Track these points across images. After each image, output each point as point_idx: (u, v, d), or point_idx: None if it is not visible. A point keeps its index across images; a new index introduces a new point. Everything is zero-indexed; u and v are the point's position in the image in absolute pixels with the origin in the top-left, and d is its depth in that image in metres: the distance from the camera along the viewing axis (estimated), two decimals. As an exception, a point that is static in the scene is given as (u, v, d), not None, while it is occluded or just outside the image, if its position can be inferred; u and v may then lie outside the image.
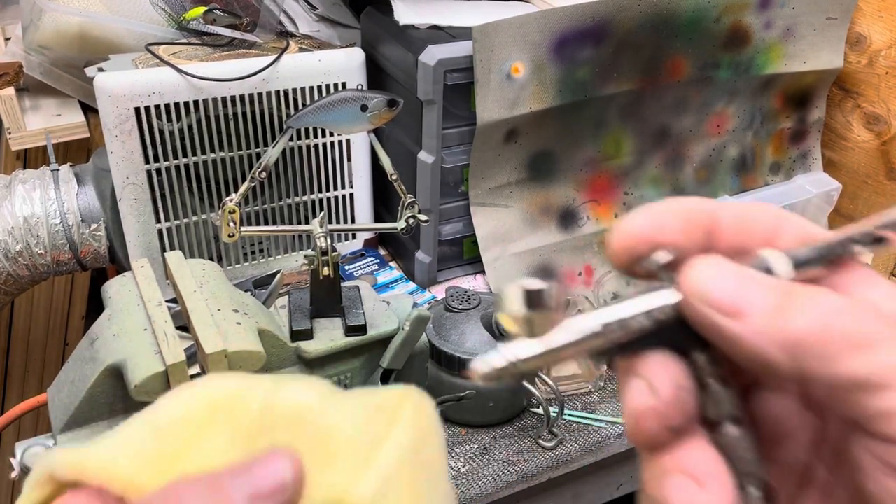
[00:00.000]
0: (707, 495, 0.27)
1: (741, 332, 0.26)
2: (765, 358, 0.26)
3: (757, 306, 0.26)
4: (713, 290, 0.27)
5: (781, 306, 0.26)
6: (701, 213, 0.30)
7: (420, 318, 0.80)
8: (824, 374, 0.26)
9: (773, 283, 0.27)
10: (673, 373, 0.28)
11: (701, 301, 0.27)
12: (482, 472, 0.96)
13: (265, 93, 1.08)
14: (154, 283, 0.75)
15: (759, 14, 1.23)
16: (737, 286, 0.27)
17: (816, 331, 0.26)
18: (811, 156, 1.44)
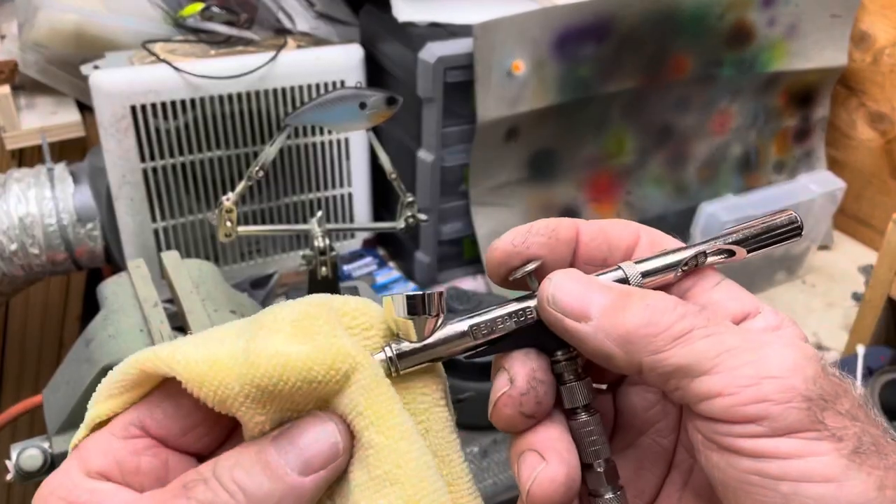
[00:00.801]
0: (548, 466, 0.32)
1: (585, 332, 0.31)
2: (605, 352, 0.31)
3: (597, 309, 0.31)
4: (562, 297, 0.32)
5: (617, 307, 0.31)
6: (565, 230, 0.34)
7: (420, 318, 0.79)
8: (652, 363, 0.30)
9: (612, 288, 0.32)
10: (530, 367, 0.33)
11: (553, 307, 0.32)
12: (482, 474, 0.95)
13: (262, 91, 1.07)
14: (150, 283, 0.75)
15: (762, 11, 1.22)
16: (582, 292, 0.32)
17: (643, 326, 0.30)
18: (815, 154, 1.43)
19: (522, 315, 0.34)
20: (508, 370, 0.33)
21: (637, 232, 0.36)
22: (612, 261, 0.35)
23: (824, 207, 1.29)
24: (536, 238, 0.34)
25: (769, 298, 1.28)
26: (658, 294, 0.32)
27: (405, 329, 0.33)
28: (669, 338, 0.30)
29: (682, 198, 1.32)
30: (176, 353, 0.30)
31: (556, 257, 0.34)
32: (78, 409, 0.68)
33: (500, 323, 0.34)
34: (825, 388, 0.29)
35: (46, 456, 0.68)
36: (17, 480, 0.69)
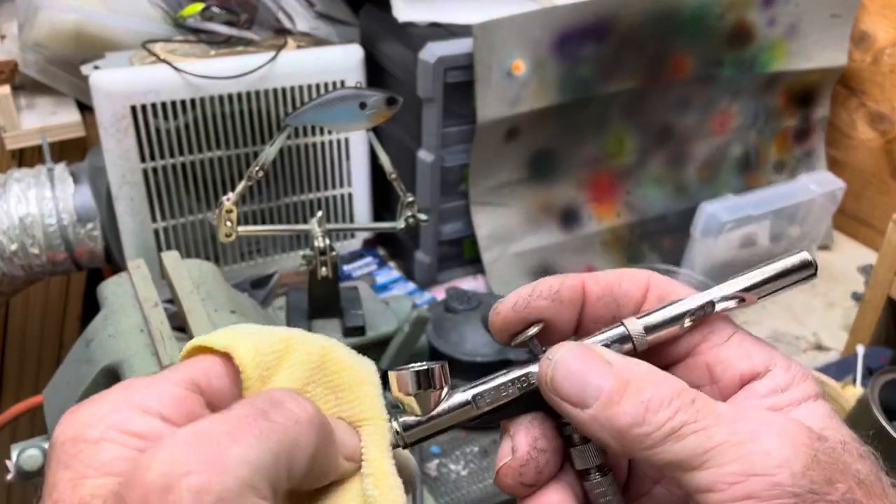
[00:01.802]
0: None
1: (583, 419, 0.32)
2: (601, 441, 0.32)
3: (594, 398, 0.31)
4: (561, 382, 0.32)
5: (612, 401, 0.31)
6: (569, 290, 0.35)
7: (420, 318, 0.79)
8: (645, 458, 0.31)
9: (613, 371, 0.32)
10: (533, 436, 0.34)
11: (552, 391, 0.33)
12: (482, 474, 0.95)
13: (263, 91, 1.07)
14: (150, 283, 0.74)
15: (762, 11, 1.22)
16: (581, 376, 0.32)
17: (636, 425, 0.31)
18: (815, 154, 1.43)
19: (525, 381, 0.34)
20: (512, 438, 0.34)
21: (646, 284, 0.36)
22: (620, 317, 0.35)
23: (824, 207, 1.29)
24: (539, 302, 0.34)
25: (770, 298, 1.28)
26: (657, 383, 0.32)
27: (410, 403, 0.34)
28: (661, 436, 0.30)
29: (683, 198, 1.32)
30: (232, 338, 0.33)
31: (561, 318, 0.35)
32: (78, 409, 0.68)
33: (503, 391, 0.34)
34: (815, 479, 0.29)
35: (47, 456, 0.68)
36: (18, 480, 0.69)
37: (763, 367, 0.33)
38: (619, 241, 1.29)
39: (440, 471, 0.95)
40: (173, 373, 0.31)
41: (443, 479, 0.93)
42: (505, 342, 0.36)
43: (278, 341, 0.33)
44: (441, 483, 0.93)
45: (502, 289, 1.18)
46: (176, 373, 0.31)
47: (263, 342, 0.33)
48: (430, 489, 0.92)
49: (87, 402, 0.30)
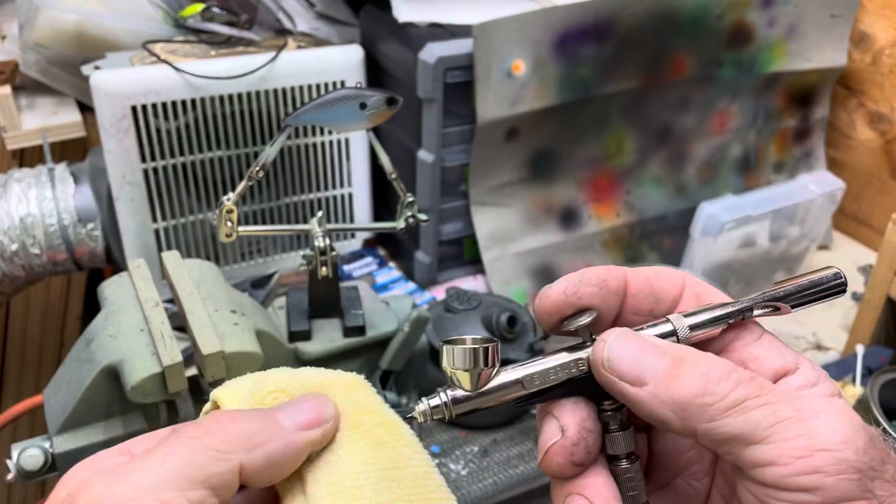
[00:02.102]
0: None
1: (640, 396, 0.32)
2: (661, 418, 0.32)
3: (653, 374, 0.32)
4: (618, 361, 0.33)
5: (671, 374, 0.32)
6: (615, 280, 0.35)
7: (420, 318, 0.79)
8: (707, 430, 0.31)
9: (667, 352, 0.33)
10: (580, 417, 0.34)
11: (609, 370, 0.33)
12: (482, 474, 0.95)
13: (263, 91, 1.07)
14: (151, 283, 0.75)
15: (762, 12, 1.22)
16: (637, 356, 0.33)
17: (698, 395, 0.31)
18: (815, 154, 1.43)
19: (574, 367, 0.35)
20: (559, 419, 0.34)
21: (682, 283, 0.37)
22: (657, 312, 0.36)
23: (824, 207, 1.29)
24: (588, 288, 0.35)
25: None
26: (711, 360, 0.32)
27: (461, 378, 0.35)
28: (724, 407, 0.31)
29: (682, 198, 1.32)
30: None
31: (606, 307, 0.35)
32: (79, 408, 0.68)
33: (552, 374, 0.35)
34: (874, 458, 0.30)
35: (47, 456, 0.68)
36: (18, 480, 0.69)
37: (794, 364, 0.34)
38: (619, 241, 1.29)
39: (440, 470, 0.95)
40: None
41: (443, 479, 0.94)
42: (551, 327, 0.36)
43: (252, 375, 0.36)
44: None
45: (502, 289, 1.18)
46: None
47: (240, 380, 0.36)
48: (430, 489, 0.92)
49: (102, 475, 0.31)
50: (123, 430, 0.70)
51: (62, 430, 0.69)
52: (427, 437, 0.99)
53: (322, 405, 0.34)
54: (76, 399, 0.68)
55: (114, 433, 0.69)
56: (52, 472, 0.69)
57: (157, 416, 0.72)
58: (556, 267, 1.23)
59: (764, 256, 1.27)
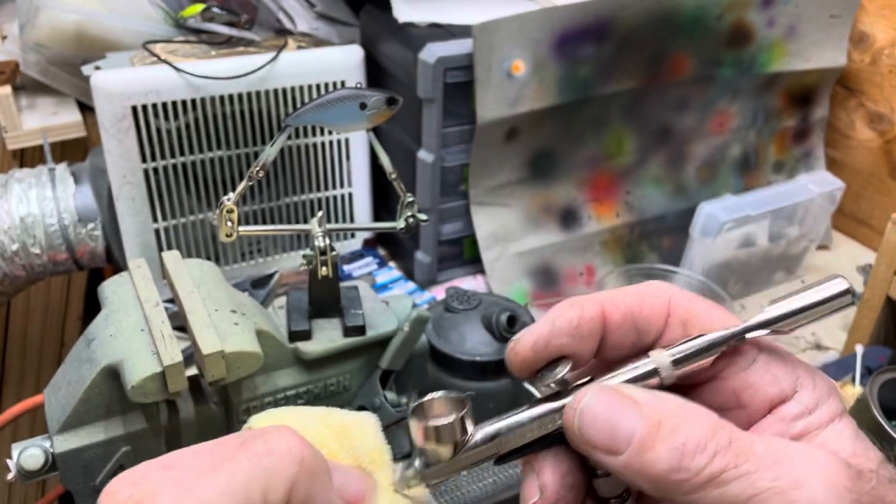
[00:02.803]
0: None
1: (614, 466, 0.31)
2: (636, 486, 0.31)
3: (626, 443, 0.31)
4: (590, 430, 0.32)
5: (646, 445, 0.30)
6: (588, 322, 0.34)
7: (419, 318, 0.79)
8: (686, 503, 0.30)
9: (643, 413, 0.31)
10: (561, 472, 0.33)
11: (580, 440, 0.32)
12: (482, 473, 0.95)
13: (263, 91, 1.07)
14: (151, 282, 0.75)
15: (761, 12, 1.23)
16: (610, 421, 0.31)
17: (673, 472, 0.30)
18: (814, 155, 1.43)
19: (551, 423, 0.34)
20: (539, 476, 0.34)
21: (667, 309, 0.35)
22: (641, 344, 0.35)
23: (823, 207, 1.29)
24: (559, 340, 0.34)
25: (768, 298, 1.28)
26: (690, 424, 0.31)
27: (432, 449, 0.34)
28: (700, 482, 0.30)
29: (682, 198, 1.32)
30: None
31: (582, 351, 0.34)
32: (79, 408, 0.68)
33: (528, 433, 0.34)
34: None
35: (47, 455, 0.68)
36: (19, 480, 0.69)
37: (790, 390, 0.33)
38: (619, 240, 1.29)
39: (440, 470, 0.95)
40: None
41: (443, 479, 0.94)
42: (524, 378, 0.35)
43: (290, 410, 0.37)
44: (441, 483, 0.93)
45: (502, 289, 1.18)
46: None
47: (279, 413, 0.37)
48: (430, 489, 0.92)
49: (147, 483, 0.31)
50: (124, 430, 0.70)
51: (62, 429, 0.69)
52: (427, 437, 0.99)
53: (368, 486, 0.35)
54: (76, 399, 0.68)
55: (114, 433, 0.69)
56: (52, 472, 0.69)
57: (157, 415, 0.72)
58: (556, 267, 1.24)
59: (763, 256, 1.27)
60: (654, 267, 1.24)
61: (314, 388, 0.80)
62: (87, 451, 0.69)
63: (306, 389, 0.80)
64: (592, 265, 1.26)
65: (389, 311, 0.83)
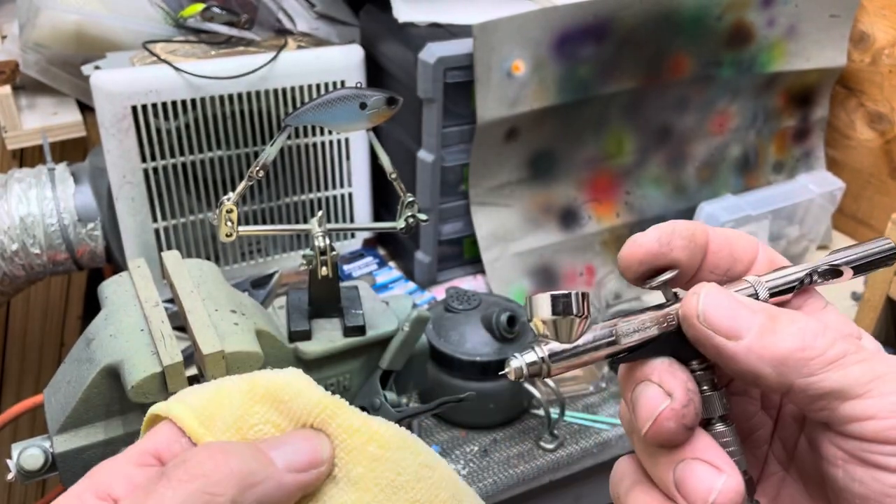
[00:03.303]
0: (728, 478, 0.31)
1: (736, 351, 0.31)
2: (756, 373, 0.31)
3: (749, 329, 0.31)
4: (714, 315, 0.32)
5: (769, 328, 0.31)
6: (701, 235, 0.35)
7: (419, 318, 0.79)
8: (805, 385, 0.31)
9: (760, 308, 0.32)
10: (682, 377, 0.33)
11: (703, 324, 0.32)
12: (482, 473, 0.95)
13: (263, 91, 1.07)
14: (151, 282, 0.75)
15: (761, 12, 1.23)
16: (732, 310, 0.32)
17: (798, 349, 0.31)
18: (814, 154, 1.43)
19: (665, 322, 0.34)
20: (660, 383, 0.33)
21: (756, 247, 0.36)
22: (733, 272, 0.35)
23: (823, 207, 1.29)
24: (679, 241, 0.34)
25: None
26: (804, 317, 0.32)
27: (552, 329, 0.33)
28: (824, 362, 0.30)
29: (682, 198, 1.32)
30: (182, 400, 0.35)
31: (690, 262, 0.35)
32: (79, 408, 0.68)
33: (646, 330, 0.33)
34: None
35: (47, 455, 0.68)
36: (19, 480, 0.69)
37: (858, 332, 0.34)
38: (619, 241, 1.29)
39: (440, 470, 0.95)
40: (131, 450, 0.33)
41: (442, 479, 0.94)
42: (634, 278, 0.35)
43: (208, 389, 0.35)
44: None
45: (502, 289, 1.18)
46: (133, 449, 0.33)
47: (194, 395, 0.34)
48: (430, 488, 0.92)
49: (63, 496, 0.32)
50: (124, 430, 0.70)
51: (62, 429, 0.69)
52: (427, 437, 0.99)
53: (318, 446, 0.34)
54: (76, 399, 0.68)
55: (114, 433, 0.69)
56: (52, 472, 0.69)
57: (157, 415, 0.72)
58: (556, 267, 1.24)
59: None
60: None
61: (314, 388, 0.80)
62: (87, 451, 0.69)
63: (306, 389, 0.80)
64: (592, 265, 1.26)
65: (389, 311, 0.83)
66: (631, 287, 1.24)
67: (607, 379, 1.08)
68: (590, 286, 1.24)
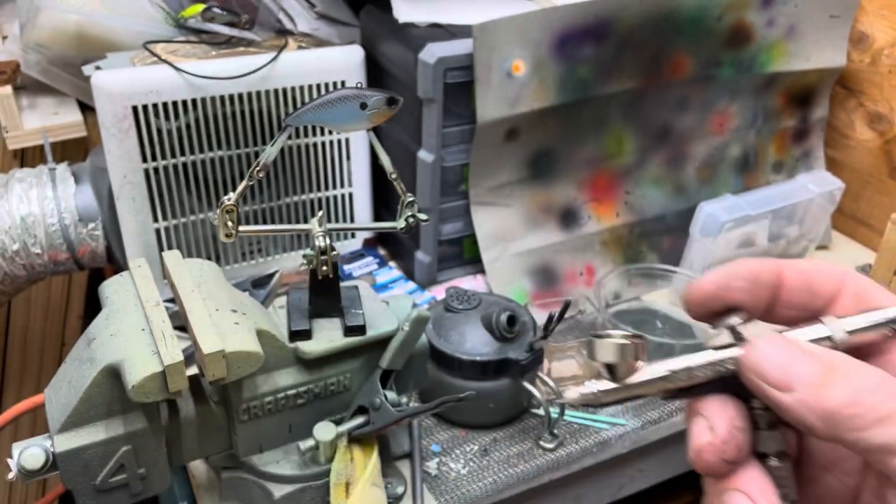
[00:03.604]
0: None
1: (786, 402, 0.32)
2: (806, 424, 0.32)
3: (800, 381, 0.32)
4: (766, 367, 0.33)
5: (821, 382, 0.32)
6: (767, 275, 0.35)
7: (419, 318, 0.79)
8: (854, 440, 0.31)
9: (817, 358, 0.32)
10: (730, 415, 0.34)
11: (756, 375, 0.33)
12: (482, 473, 0.95)
13: (264, 91, 1.07)
14: (152, 282, 0.75)
15: (761, 12, 1.23)
16: (786, 362, 0.33)
17: (846, 406, 0.31)
18: (814, 155, 1.44)
19: (721, 366, 0.35)
20: (708, 418, 0.34)
21: (842, 279, 0.36)
22: (812, 307, 0.36)
23: (823, 207, 1.29)
24: (738, 283, 0.35)
25: None
26: (864, 370, 0.32)
27: (610, 371, 0.36)
28: (873, 419, 0.31)
29: (682, 198, 1.32)
30: None
31: (756, 302, 0.35)
32: (80, 407, 0.68)
33: (698, 372, 0.35)
34: None
35: (48, 455, 0.69)
36: (20, 479, 0.69)
37: None
38: (619, 240, 1.29)
39: (440, 469, 0.95)
40: None
41: (443, 478, 0.94)
42: (697, 318, 0.37)
43: None
44: (441, 481, 0.93)
45: (502, 288, 1.19)
46: None
47: None
48: (430, 487, 0.92)
49: None
50: (124, 430, 0.70)
51: (63, 429, 0.69)
52: (427, 436, 0.99)
53: None
54: (77, 398, 0.68)
55: (115, 432, 0.70)
56: (52, 471, 0.69)
57: (157, 415, 0.72)
58: (556, 267, 1.24)
59: (763, 256, 1.27)
60: (654, 267, 1.25)
61: (314, 388, 0.81)
62: (88, 450, 0.69)
63: (307, 389, 0.80)
64: (592, 265, 1.27)
65: (389, 311, 0.83)
66: (630, 286, 1.24)
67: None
68: (589, 286, 1.24)
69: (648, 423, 1.03)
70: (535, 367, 0.97)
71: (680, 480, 1.17)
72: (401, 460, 0.95)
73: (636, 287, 1.25)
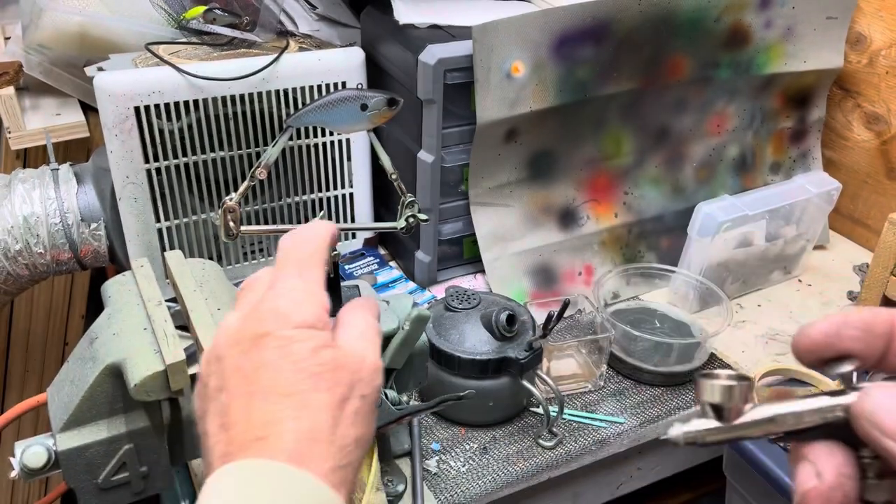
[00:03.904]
0: None
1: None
2: None
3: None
4: (882, 417, 0.32)
5: None
6: (881, 325, 0.35)
7: (420, 317, 0.79)
8: None
9: None
10: (837, 461, 0.34)
11: (871, 425, 0.33)
12: (482, 471, 0.96)
13: (265, 92, 1.08)
14: (154, 282, 0.75)
15: (759, 13, 1.23)
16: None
17: None
18: (811, 155, 1.44)
19: (830, 413, 0.35)
20: (814, 463, 0.34)
21: None
22: None
23: (820, 207, 1.30)
24: (850, 332, 0.35)
25: (766, 297, 1.29)
26: None
27: (717, 413, 0.36)
28: None
29: (680, 198, 1.33)
30: None
31: (869, 351, 0.35)
32: (82, 406, 0.69)
33: (807, 417, 0.35)
34: None
35: (50, 453, 0.69)
36: (22, 477, 0.70)
37: None
38: (617, 240, 1.30)
39: (440, 467, 0.96)
40: None
41: (443, 476, 0.94)
42: (808, 365, 0.37)
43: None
44: (441, 479, 0.94)
45: (502, 288, 1.19)
46: None
47: None
48: (430, 485, 0.93)
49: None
50: (126, 428, 0.71)
51: (65, 427, 0.69)
52: (427, 435, 1.00)
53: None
54: (79, 397, 0.69)
55: (117, 431, 0.70)
56: (55, 470, 0.69)
57: (159, 413, 0.72)
58: (555, 266, 1.24)
59: (761, 256, 1.28)
60: (652, 266, 1.25)
61: (315, 387, 0.81)
62: (90, 449, 0.69)
63: (307, 388, 0.80)
64: (591, 265, 1.27)
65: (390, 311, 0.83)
66: (629, 286, 1.24)
67: (606, 378, 1.09)
68: (588, 286, 1.25)
69: (647, 421, 1.04)
70: (535, 365, 0.97)
71: (678, 479, 1.18)
72: (401, 458, 0.96)
73: (634, 286, 1.25)
